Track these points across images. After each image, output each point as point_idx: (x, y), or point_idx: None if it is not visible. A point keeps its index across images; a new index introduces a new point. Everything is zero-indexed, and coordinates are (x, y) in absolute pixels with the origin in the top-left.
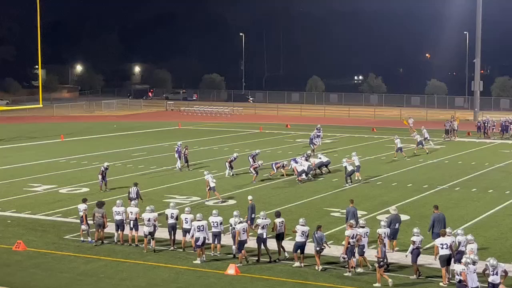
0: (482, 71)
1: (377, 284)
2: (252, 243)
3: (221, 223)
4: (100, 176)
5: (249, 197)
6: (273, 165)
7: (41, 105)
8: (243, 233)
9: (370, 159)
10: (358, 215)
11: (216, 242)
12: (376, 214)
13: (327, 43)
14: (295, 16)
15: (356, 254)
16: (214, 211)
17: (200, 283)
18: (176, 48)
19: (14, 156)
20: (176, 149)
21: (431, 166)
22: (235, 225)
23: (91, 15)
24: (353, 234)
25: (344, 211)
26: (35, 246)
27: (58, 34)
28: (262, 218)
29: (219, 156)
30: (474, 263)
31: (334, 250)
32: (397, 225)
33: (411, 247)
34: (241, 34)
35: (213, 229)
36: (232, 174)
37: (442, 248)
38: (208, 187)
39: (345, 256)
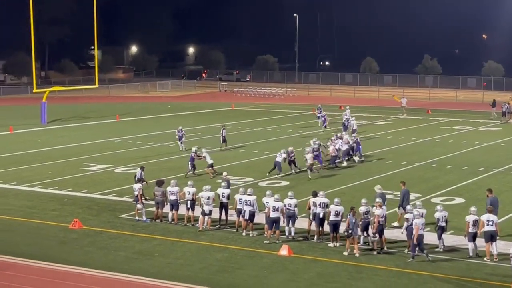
0: None
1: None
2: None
3: (295, 205)
4: (190, 163)
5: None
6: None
7: (97, 86)
8: (274, 211)
9: (425, 142)
10: (412, 197)
11: (290, 225)
12: (431, 196)
13: (381, 23)
14: None
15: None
16: (275, 196)
17: (253, 263)
18: (229, 29)
19: (70, 135)
20: (177, 133)
21: (487, 148)
22: (289, 205)
23: None
24: (383, 214)
25: (398, 193)
26: (91, 225)
27: (113, 15)
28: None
29: (272, 137)
30: None
31: (388, 233)
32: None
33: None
34: (294, 15)
35: (272, 214)
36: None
37: (487, 224)
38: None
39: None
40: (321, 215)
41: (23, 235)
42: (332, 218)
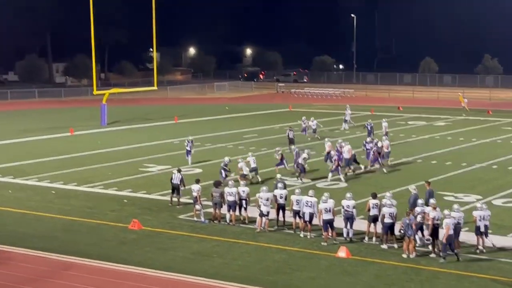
0: None
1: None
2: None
3: (353, 207)
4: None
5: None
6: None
7: (155, 88)
8: (326, 213)
9: (486, 143)
10: (472, 199)
11: (348, 227)
12: (492, 198)
13: (440, 23)
14: None
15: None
16: (325, 195)
17: (310, 265)
18: (286, 30)
19: (129, 137)
20: (186, 143)
21: None
22: (347, 207)
23: None
24: (438, 216)
25: (458, 194)
26: (150, 225)
27: (171, 17)
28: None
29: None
30: None
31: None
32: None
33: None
34: (352, 15)
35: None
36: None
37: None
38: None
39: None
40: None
41: (83, 235)
42: (386, 220)
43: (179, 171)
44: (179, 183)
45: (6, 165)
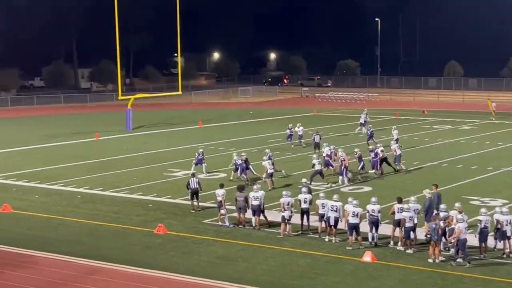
0: None
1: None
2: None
3: (378, 211)
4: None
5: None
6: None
7: (180, 93)
8: (353, 217)
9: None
10: (500, 204)
11: (373, 231)
12: None
13: (465, 26)
14: None
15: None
16: (350, 198)
17: (335, 270)
18: (310, 34)
19: (154, 142)
20: (196, 156)
21: None
22: (372, 211)
23: (227, 3)
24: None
25: (484, 199)
26: (175, 230)
27: (195, 22)
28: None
29: (355, 142)
30: None
31: (473, 239)
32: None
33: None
34: (376, 19)
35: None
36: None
37: None
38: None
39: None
40: (415, 220)
41: (109, 239)
42: (407, 225)
43: (193, 175)
44: (197, 187)
45: (32, 170)
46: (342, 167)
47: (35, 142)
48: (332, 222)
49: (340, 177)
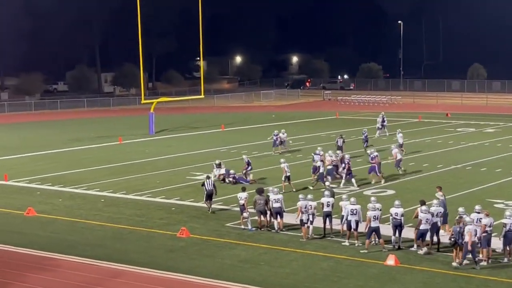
0: None
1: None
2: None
3: (402, 215)
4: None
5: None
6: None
7: (202, 96)
8: (374, 220)
9: None
10: None
11: (397, 235)
12: None
13: (488, 28)
14: (455, 1)
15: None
16: (372, 198)
17: (359, 273)
18: (333, 37)
19: (177, 145)
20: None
21: None
22: (395, 215)
23: (248, 7)
24: (491, 222)
25: (508, 202)
26: (198, 233)
27: (217, 26)
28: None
29: (377, 145)
30: None
31: (498, 243)
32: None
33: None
34: (399, 22)
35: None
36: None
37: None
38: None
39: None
40: (438, 223)
41: (133, 243)
42: (422, 227)
43: (208, 177)
44: (212, 188)
45: (56, 174)
46: (345, 170)
47: (59, 146)
48: (354, 226)
49: (343, 180)
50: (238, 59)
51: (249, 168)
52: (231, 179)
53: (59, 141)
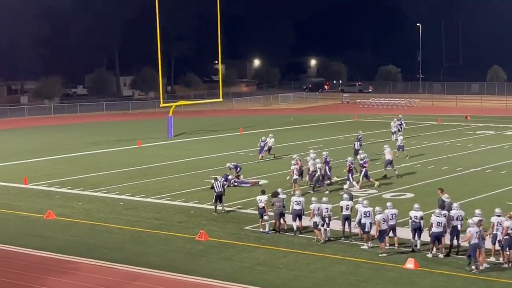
0: None
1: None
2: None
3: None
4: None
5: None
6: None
7: (221, 99)
8: (383, 223)
9: None
10: None
11: (416, 238)
12: None
13: (508, 30)
14: (474, 3)
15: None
16: (388, 203)
17: (378, 277)
18: (351, 40)
19: (195, 148)
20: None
21: None
22: (415, 218)
23: (266, 10)
24: None
25: None
26: (217, 236)
27: (235, 30)
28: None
29: (394, 148)
30: None
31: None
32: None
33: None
34: (418, 24)
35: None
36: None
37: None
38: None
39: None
40: (458, 227)
41: (152, 246)
42: (434, 230)
43: (216, 179)
44: (222, 190)
45: (75, 177)
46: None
47: (78, 149)
48: (368, 228)
49: (348, 182)
50: (257, 62)
51: (239, 170)
52: (232, 182)
53: (78, 144)
